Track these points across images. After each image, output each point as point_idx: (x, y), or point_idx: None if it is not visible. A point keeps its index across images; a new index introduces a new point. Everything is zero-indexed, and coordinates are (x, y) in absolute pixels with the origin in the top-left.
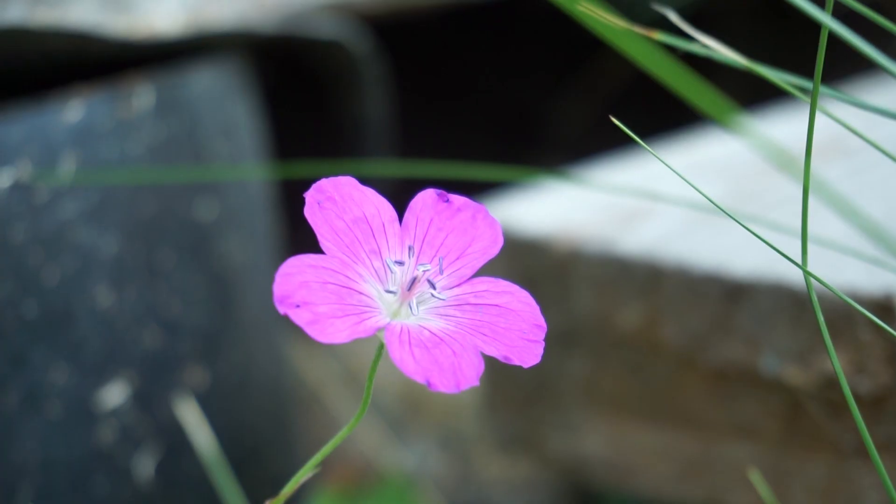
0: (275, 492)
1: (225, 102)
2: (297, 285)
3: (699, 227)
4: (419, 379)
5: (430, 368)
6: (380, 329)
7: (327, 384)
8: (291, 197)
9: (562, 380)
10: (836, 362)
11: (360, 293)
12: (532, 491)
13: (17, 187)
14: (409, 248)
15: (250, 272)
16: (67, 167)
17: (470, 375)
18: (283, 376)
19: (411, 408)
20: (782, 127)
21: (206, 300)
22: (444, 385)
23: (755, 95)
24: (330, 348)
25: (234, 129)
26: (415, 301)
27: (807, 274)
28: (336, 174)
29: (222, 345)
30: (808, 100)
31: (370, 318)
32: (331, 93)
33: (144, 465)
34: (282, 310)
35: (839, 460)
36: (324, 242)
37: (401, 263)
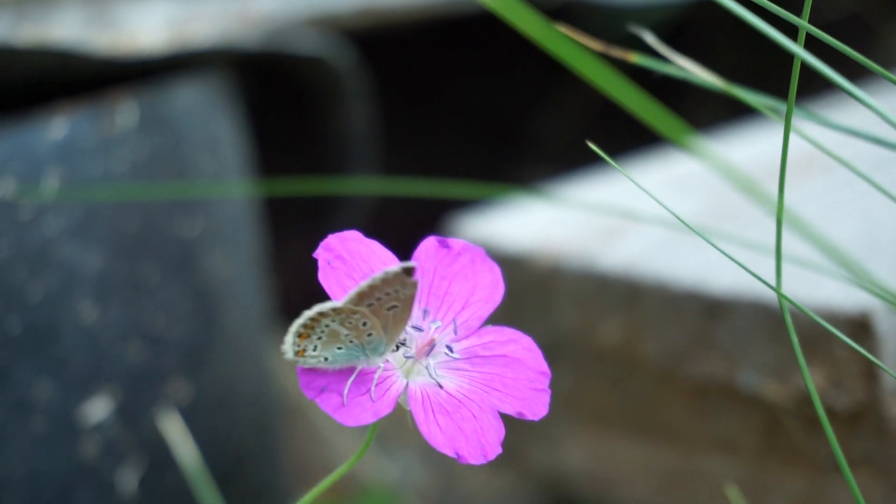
0: (259, 503)
1: (208, 118)
2: (318, 370)
3: (679, 243)
4: (449, 453)
5: (457, 438)
6: (400, 396)
7: None
8: (275, 210)
9: None
10: (810, 382)
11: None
12: (513, 502)
13: (0, 204)
14: (425, 312)
15: (234, 286)
16: (51, 184)
17: (493, 442)
18: (266, 388)
19: (394, 419)
20: (764, 143)
21: (190, 314)
22: (473, 457)
23: (742, 105)
24: None
25: (218, 144)
26: (431, 361)
27: (781, 296)
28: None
29: (206, 358)
30: (783, 121)
31: (390, 386)
32: (314, 107)
33: (128, 479)
34: (309, 395)
35: (817, 475)
36: None
37: (419, 329)
